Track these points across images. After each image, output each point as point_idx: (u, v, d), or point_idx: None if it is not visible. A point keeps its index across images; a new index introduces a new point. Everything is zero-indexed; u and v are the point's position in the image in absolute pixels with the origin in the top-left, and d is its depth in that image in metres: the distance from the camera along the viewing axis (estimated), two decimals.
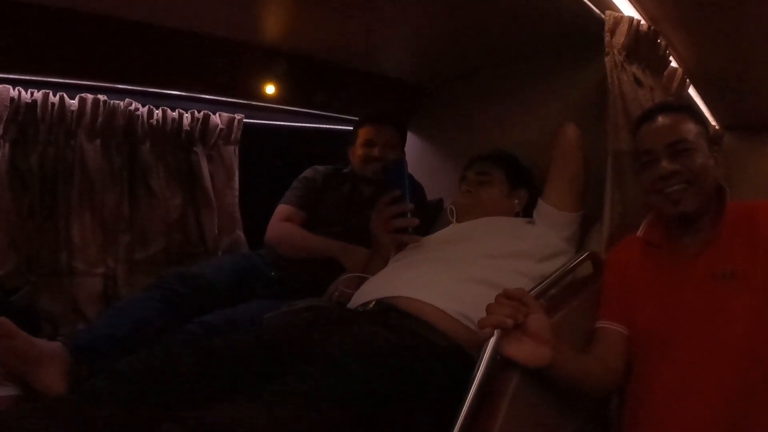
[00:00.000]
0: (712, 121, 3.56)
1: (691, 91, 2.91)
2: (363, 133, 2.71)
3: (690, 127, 1.65)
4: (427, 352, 1.47)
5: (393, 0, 2.14)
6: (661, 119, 1.68)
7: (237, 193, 2.96)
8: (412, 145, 3.20)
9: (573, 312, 1.70)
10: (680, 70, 2.55)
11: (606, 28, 2.00)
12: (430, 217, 2.65)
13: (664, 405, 1.49)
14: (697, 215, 1.63)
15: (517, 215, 2.17)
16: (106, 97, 2.46)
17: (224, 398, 1.13)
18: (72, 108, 2.40)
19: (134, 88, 2.56)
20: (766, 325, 1.46)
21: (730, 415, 1.40)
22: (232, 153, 2.93)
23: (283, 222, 2.63)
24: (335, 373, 1.25)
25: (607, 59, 2.00)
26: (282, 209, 2.67)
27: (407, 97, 3.23)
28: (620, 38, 2.03)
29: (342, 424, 1.17)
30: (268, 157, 3.12)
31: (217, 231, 2.87)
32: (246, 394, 1.15)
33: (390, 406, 1.28)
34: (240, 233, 2.98)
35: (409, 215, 1.99)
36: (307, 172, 2.80)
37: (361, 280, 1.96)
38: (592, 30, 2.06)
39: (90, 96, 2.42)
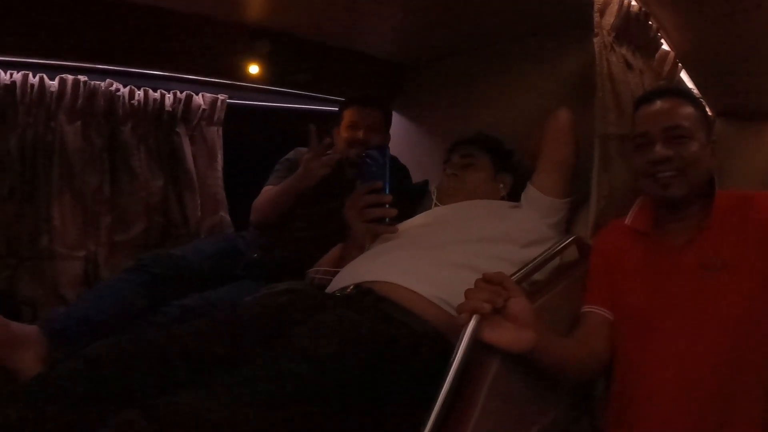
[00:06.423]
0: None
1: (683, 75, 2.87)
2: (347, 115, 2.68)
3: (688, 114, 1.62)
4: (402, 337, 1.43)
5: None
6: (660, 103, 1.66)
7: (220, 175, 2.95)
8: (398, 125, 3.15)
9: (558, 296, 1.68)
10: (672, 54, 2.52)
11: (595, 8, 1.96)
12: (414, 200, 2.62)
13: (651, 393, 1.48)
14: (685, 202, 1.62)
15: (502, 199, 2.14)
16: (86, 78, 2.43)
17: (189, 383, 1.11)
18: (52, 89, 2.37)
19: (115, 68, 2.52)
20: (754, 317, 1.45)
21: (715, 405, 1.40)
22: (215, 134, 2.91)
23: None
24: (303, 358, 1.21)
25: (596, 40, 1.96)
26: (265, 191, 2.66)
27: (393, 76, 3.20)
28: (610, 18, 1.99)
29: (305, 413, 1.14)
30: (253, 138, 3.11)
31: (200, 212, 2.85)
32: (209, 380, 1.12)
33: (360, 394, 1.25)
34: (224, 215, 2.97)
35: (387, 206, 1.94)
36: (291, 154, 2.79)
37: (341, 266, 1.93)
38: (582, 10, 2.01)
39: (70, 77, 2.40)
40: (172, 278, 2.21)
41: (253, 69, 2.68)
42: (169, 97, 2.70)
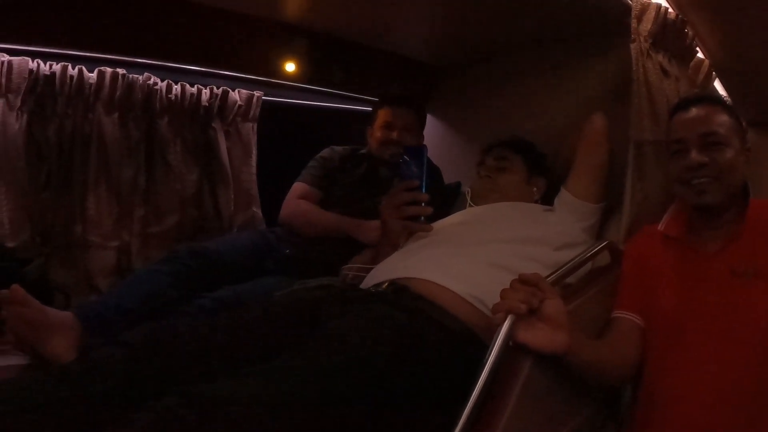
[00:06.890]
0: None
1: (717, 84, 2.85)
2: (382, 115, 2.67)
3: (724, 121, 1.62)
4: (436, 334, 1.44)
5: None
6: (695, 110, 1.65)
7: (254, 170, 2.95)
8: (432, 127, 3.15)
9: (589, 301, 1.68)
10: (707, 62, 2.50)
11: (633, 14, 1.96)
12: (447, 201, 2.60)
13: (678, 399, 1.48)
14: (719, 209, 1.61)
15: (535, 203, 2.14)
16: (124, 71, 2.45)
17: (227, 372, 1.12)
18: (90, 81, 2.39)
19: (153, 62, 2.54)
20: None
21: (744, 411, 1.40)
22: (250, 130, 2.92)
23: (297, 200, 2.63)
24: (339, 349, 1.23)
25: (633, 46, 1.96)
26: (297, 187, 2.67)
27: (428, 78, 3.18)
28: (647, 25, 1.99)
29: (342, 402, 1.15)
30: (287, 135, 3.11)
31: (232, 207, 2.87)
32: (249, 368, 1.14)
33: (395, 388, 1.26)
34: (256, 210, 2.97)
35: (423, 205, 1.94)
36: (324, 152, 2.79)
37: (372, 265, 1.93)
38: (619, 16, 2.01)
39: (109, 69, 2.41)
40: (205, 271, 2.23)
41: (290, 67, 2.71)
42: (205, 93, 2.72)
